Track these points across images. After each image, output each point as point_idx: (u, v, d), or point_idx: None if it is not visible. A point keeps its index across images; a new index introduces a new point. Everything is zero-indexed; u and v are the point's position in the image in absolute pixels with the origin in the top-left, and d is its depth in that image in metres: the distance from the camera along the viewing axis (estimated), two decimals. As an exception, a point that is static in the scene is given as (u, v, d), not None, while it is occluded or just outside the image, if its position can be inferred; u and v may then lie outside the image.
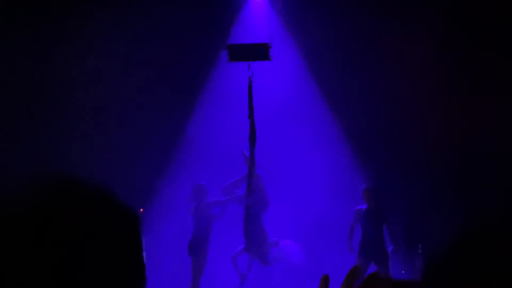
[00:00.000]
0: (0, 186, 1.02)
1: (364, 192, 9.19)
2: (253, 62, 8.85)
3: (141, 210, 9.42)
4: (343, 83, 10.62)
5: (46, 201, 0.99)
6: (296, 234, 10.12)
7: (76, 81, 10.33)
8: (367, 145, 10.58)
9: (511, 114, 9.84)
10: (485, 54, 10.09)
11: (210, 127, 10.65)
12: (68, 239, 0.97)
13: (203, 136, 10.66)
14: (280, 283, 9.83)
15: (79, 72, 10.29)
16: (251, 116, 8.82)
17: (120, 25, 10.10)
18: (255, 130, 8.78)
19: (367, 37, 10.45)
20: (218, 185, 9.32)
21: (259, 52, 8.87)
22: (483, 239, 1.04)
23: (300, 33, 10.71)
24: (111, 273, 0.99)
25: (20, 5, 10.06)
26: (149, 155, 10.42)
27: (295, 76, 10.82)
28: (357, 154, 10.74)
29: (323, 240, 10.32)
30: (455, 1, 10.27)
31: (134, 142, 10.36)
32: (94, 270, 0.97)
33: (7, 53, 9.98)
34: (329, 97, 10.85)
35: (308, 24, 10.53)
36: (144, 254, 1.02)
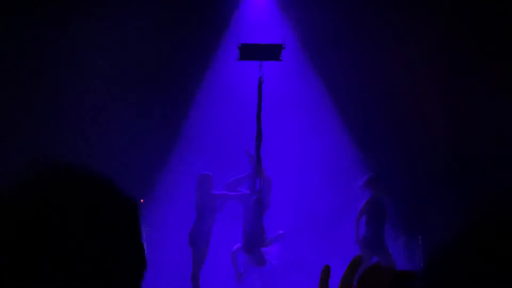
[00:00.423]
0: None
1: (369, 182, 9.13)
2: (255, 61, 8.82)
3: (142, 200, 9.39)
4: (343, 79, 10.63)
5: (43, 191, 1.00)
6: (293, 231, 10.08)
7: (76, 80, 10.34)
8: (368, 137, 10.59)
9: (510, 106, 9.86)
10: (485, 53, 10.11)
11: (210, 122, 10.65)
12: (67, 227, 0.97)
13: (203, 132, 10.66)
14: (260, 285, 9.67)
15: (79, 71, 10.30)
16: (258, 115, 8.74)
17: (119, 24, 10.11)
18: (261, 130, 8.71)
19: (368, 34, 10.46)
20: (216, 180, 9.22)
21: (271, 52, 8.76)
22: (484, 236, 1.04)
23: (301, 31, 10.70)
24: (111, 260, 0.99)
25: (20, 5, 10.07)
26: (150, 150, 10.44)
27: (295, 72, 10.80)
28: (358, 147, 10.74)
29: (321, 236, 10.27)
30: (455, 0, 10.29)
31: (135, 138, 10.37)
32: (95, 256, 0.97)
33: (7, 53, 9.99)
34: (329, 94, 10.85)
35: (310, 21, 10.53)
36: (143, 241, 1.02)
